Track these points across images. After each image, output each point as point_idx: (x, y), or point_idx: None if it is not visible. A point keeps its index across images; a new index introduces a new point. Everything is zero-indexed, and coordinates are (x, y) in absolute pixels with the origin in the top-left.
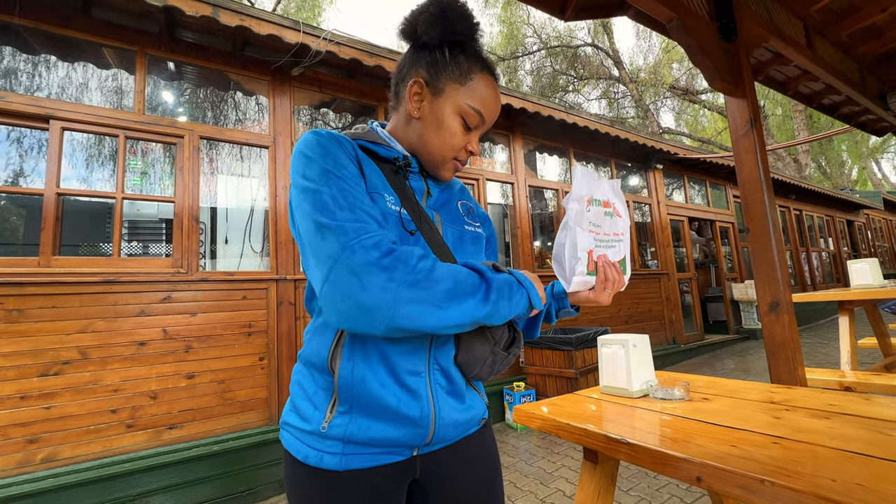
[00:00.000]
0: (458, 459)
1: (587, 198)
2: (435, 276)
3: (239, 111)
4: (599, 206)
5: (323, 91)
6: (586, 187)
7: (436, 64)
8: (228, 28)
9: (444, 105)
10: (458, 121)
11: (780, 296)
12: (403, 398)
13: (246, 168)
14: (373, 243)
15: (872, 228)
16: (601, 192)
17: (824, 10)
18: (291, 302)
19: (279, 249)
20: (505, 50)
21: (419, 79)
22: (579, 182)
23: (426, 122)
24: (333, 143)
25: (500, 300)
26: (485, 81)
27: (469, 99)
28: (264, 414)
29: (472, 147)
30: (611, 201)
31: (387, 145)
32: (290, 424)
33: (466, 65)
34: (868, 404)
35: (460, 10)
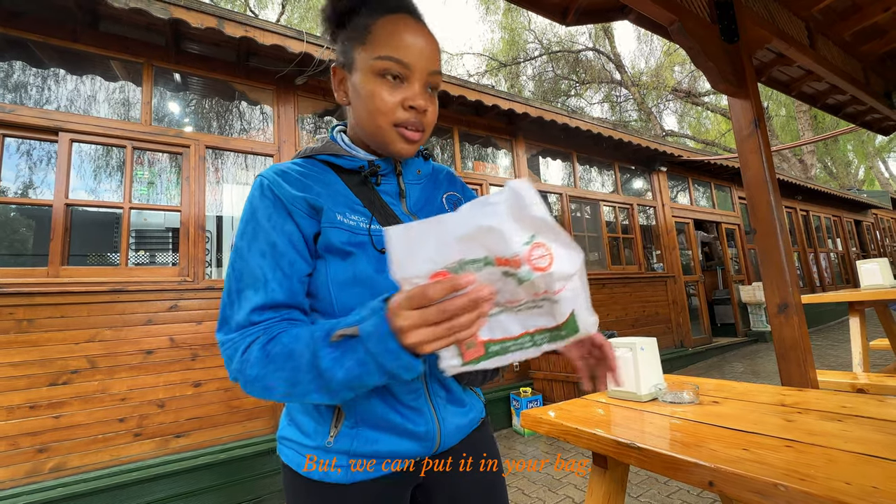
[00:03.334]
0: (460, 459)
1: (432, 273)
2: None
3: (244, 120)
4: (486, 268)
5: (327, 99)
6: (425, 254)
7: (343, 41)
8: (233, 39)
9: (358, 74)
10: (376, 80)
11: (789, 297)
12: (409, 415)
13: (251, 177)
14: (222, 334)
15: (881, 228)
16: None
17: (826, 10)
18: None
19: None
20: (507, 56)
21: (335, 66)
22: (403, 249)
23: (354, 103)
24: (265, 200)
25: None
26: (392, 25)
27: (375, 51)
28: (270, 421)
29: (412, 101)
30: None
31: (349, 155)
32: (289, 439)
33: (363, 20)
34: (882, 406)
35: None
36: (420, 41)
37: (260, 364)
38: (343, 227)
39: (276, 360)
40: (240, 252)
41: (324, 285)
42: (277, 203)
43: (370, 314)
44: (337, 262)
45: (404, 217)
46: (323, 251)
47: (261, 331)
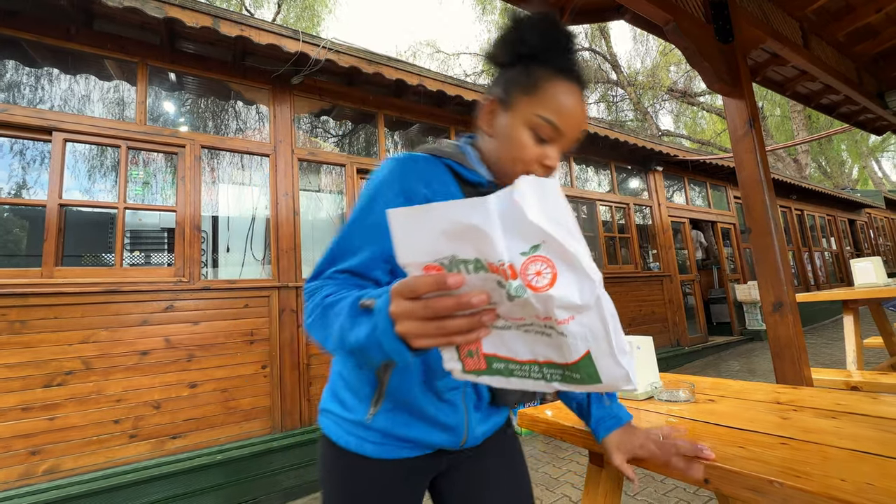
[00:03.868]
0: (482, 453)
1: (425, 264)
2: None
3: (240, 120)
4: (479, 272)
5: (323, 99)
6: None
7: (508, 80)
8: (229, 38)
9: (513, 118)
10: (527, 133)
11: (784, 296)
12: (442, 409)
13: (247, 176)
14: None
15: (875, 227)
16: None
17: (820, 10)
18: (293, 309)
19: (281, 257)
20: None
21: (492, 97)
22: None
23: (498, 139)
24: (391, 187)
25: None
26: (560, 89)
27: (538, 109)
28: (267, 422)
29: (547, 161)
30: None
31: (473, 169)
32: (331, 412)
33: (538, 74)
34: (876, 403)
35: (538, 23)
36: (578, 112)
37: (315, 309)
38: None
39: (324, 308)
40: (352, 223)
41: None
42: (399, 194)
43: (386, 290)
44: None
45: None
46: None
47: (333, 285)
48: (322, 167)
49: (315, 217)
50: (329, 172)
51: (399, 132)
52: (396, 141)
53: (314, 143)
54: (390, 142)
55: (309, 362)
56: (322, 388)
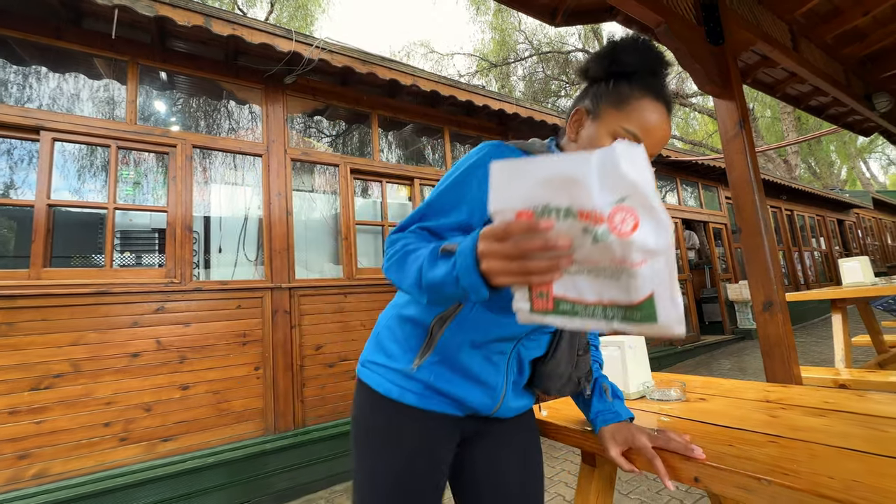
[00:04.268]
0: (508, 428)
1: (518, 210)
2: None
3: (232, 120)
4: (567, 219)
5: (316, 98)
6: (518, 190)
7: (598, 93)
8: (221, 37)
9: (599, 128)
10: (610, 142)
11: (774, 295)
12: (486, 369)
13: (239, 176)
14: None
15: (863, 227)
16: (568, 195)
17: (808, 13)
18: (287, 310)
19: (274, 258)
20: (497, 56)
21: (581, 107)
22: (501, 182)
23: (581, 145)
24: (482, 169)
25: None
26: (647, 107)
27: (624, 122)
28: (260, 424)
29: None
30: (599, 208)
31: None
32: (374, 362)
33: (628, 91)
34: (863, 401)
35: (633, 45)
36: (662, 132)
37: (396, 254)
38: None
39: (404, 254)
40: (444, 190)
41: None
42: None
43: (471, 237)
44: None
45: None
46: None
47: (414, 237)
48: (315, 167)
49: (308, 217)
50: (323, 173)
51: (393, 132)
52: (391, 141)
53: (307, 143)
54: (384, 142)
55: (302, 363)
56: (315, 389)
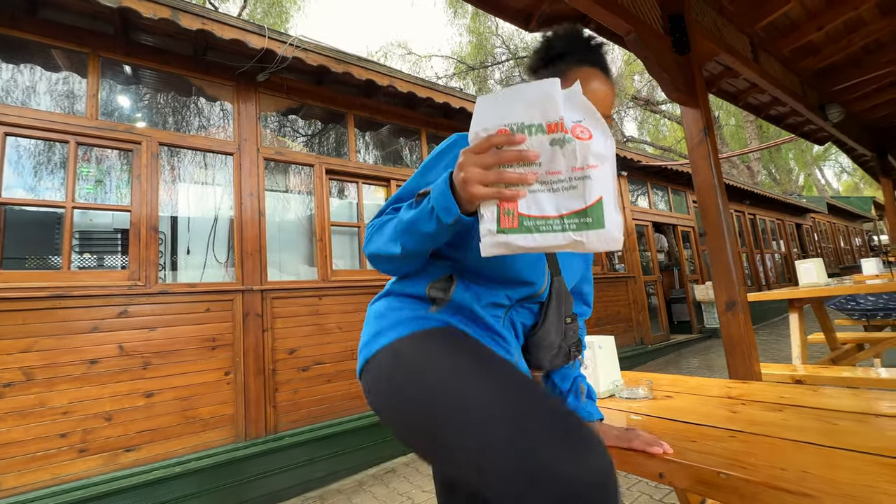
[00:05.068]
0: None
1: (498, 128)
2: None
3: (202, 117)
4: (538, 135)
5: (290, 97)
6: (498, 114)
7: (541, 77)
8: (189, 32)
9: None
10: None
11: (736, 295)
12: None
13: (209, 176)
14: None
15: (818, 231)
16: (541, 111)
17: (768, 27)
18: (258, 313)
19: (245, 259)
20: (474, 59)
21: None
22: (484, 109)
23: None
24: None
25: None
26: (583, 73)
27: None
28: (230, 431)
29: None
30: (565, 120)
31: None
32: (384, 330)
33: (564, 66)
34: (817, 396)
35: (562, 33)
36: (603, 90)
37: (374, 229)
38: None
39: (381, 224)
40: (415, 174)
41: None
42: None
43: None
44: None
45: None
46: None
47: (390, 216)
48: (290, 167)
49: (282, 218)
50: (297, 173)
51: (370, 133)
52: (368, 142)
53: (282, 142)
54: (361, 142)
55: (275, 368)
56: (288, 394)
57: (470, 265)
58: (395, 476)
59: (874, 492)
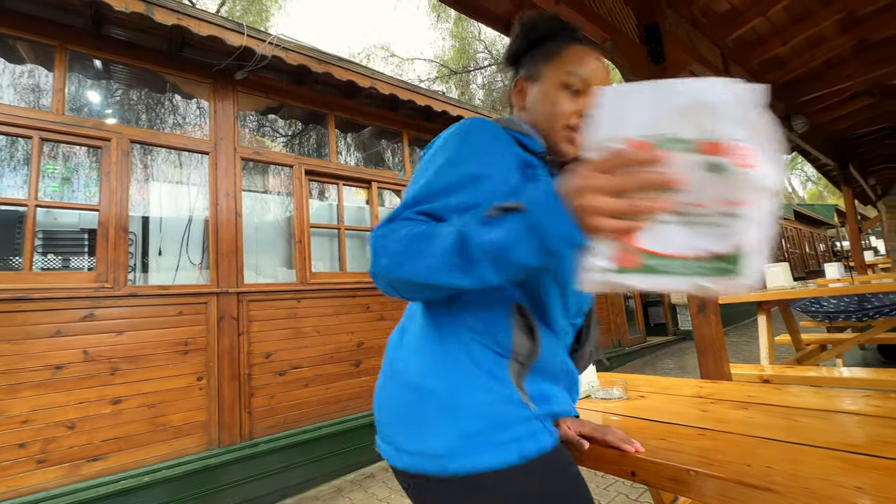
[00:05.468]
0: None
1: (634, 139)
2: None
3: (177, 114)
4: (686, 153)
5: (269, 96)
6: (634, 118)
7: (529, 61)
8: (164, 27)
9: (544, 84)
10: (561, 91)
11: (707, 298)
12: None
13: (184, 175)
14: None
15: (786, 236)
16: (696, 122)
17: (738, 40)
18: (234, 316)
19: (220, 261)
20: (457, 64)
21: (520, 77)
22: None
23: (533, 108)
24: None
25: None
26: (579, 51)
27: (565, 67)
28: (202, 438)
29: (585, 111)
30: (724, 139)
31: (531, 137)
32: (473, 440)
33: (556, 45)
34: (781, 394)
35: (540, 19)
36: (599, 66)
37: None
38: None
39: (412, 238)
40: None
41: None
42: (497, 144)
43: (542, 184)
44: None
45: None
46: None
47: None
48: (268, 168)
49: (260, 219)
50: (277, 173)
51: (351, 134)
52: (349, 143)
53: (260, 142)
54: (343, 144)
55: (250, 372)
56: (264, 399)
57: (546, 287)
58: (374, 481)
59: (832, 485)
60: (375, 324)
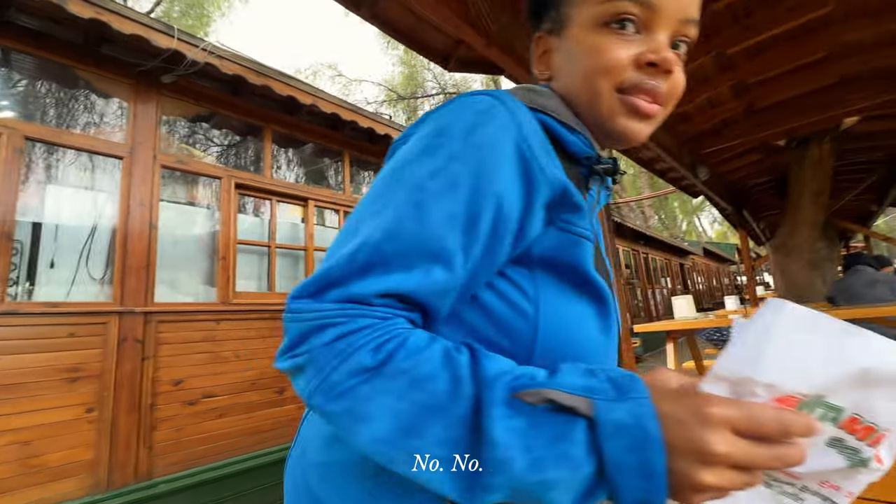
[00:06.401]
0: None
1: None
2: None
3: (91, 114)
4: (829, 423)
5: (200, 104)
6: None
7: (552, 9)
8: (80, 19)
9: (574, 30)
10: (601, 31)
11: None
12: None
13: (91, 179)
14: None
15: (696, 270)
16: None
17: None
18: (138, 339)
19: (127, 276)
20: (405, 90)
21: (540, 34)
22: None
23: (563, 71)
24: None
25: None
26: None
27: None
28: (87, 480)
29: (654, 55)
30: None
31: (576, 131)
32: None
33: None
34: None
35: None
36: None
37: (366, 372)
38: (585, 234)
39: (398, 374)
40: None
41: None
42: (516, 157)
43: (619, 392)
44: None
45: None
46: (540, 261)
47: (378, 320)
48: (195, 178)
49: (182, 233)
50: (206, 184)
51: (291, 150)
52: (289, 158)
53: (185, 150)
54: (283, 158)
55: (154, 402)
56: (168, 432)
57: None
58: None
59: None
60: None
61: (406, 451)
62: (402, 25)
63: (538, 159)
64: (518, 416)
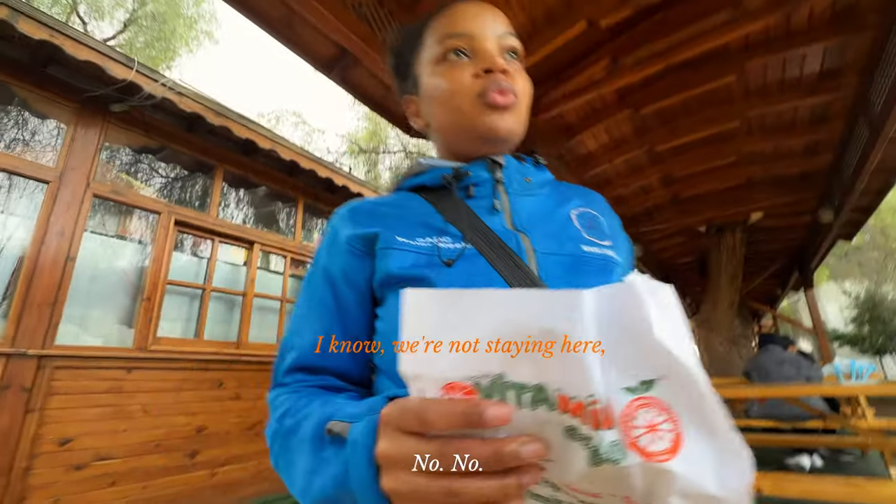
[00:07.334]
0: None
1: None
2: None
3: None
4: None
5: (150, 136)
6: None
7: (408, 76)
8: (30, 40)
9: (424, 78)
10: (443, 67)
11: None
12: None
13: (9, 203)
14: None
15: None
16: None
17: (593, 177)
18: (25, 387)
19: (27, 312)
20: (368, 144)
21: (406, 96)
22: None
23: (430, 111)
24: (322, 248)
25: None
26: (440, 18)
27: (437, 39)
28: None
29: (485, 64)
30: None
31: (429, 168)
32: None
33: (419, 31)
34: None
35: (406, 29)
36: (476, 9)
37: (276, 438)
38: (407, 248)
39: (284, 436)
40: (296, 305)
41: (383, 334)
42: (334, 247)
43: (369, 410)
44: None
45: (508, 235)
46: (381, 288)
47: (288, 395)
48: (130, 211)
49: (103, 267)
50: (142, 217)
51: (242, 190)
52: (240, 198)
53: (125, 180)
54: (232, 198)
55: (30, 465)
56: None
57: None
58: None
59: None
60: (226, 404)
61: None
62: (371, 92)
63: (344, 239)
64: (321, 447)
